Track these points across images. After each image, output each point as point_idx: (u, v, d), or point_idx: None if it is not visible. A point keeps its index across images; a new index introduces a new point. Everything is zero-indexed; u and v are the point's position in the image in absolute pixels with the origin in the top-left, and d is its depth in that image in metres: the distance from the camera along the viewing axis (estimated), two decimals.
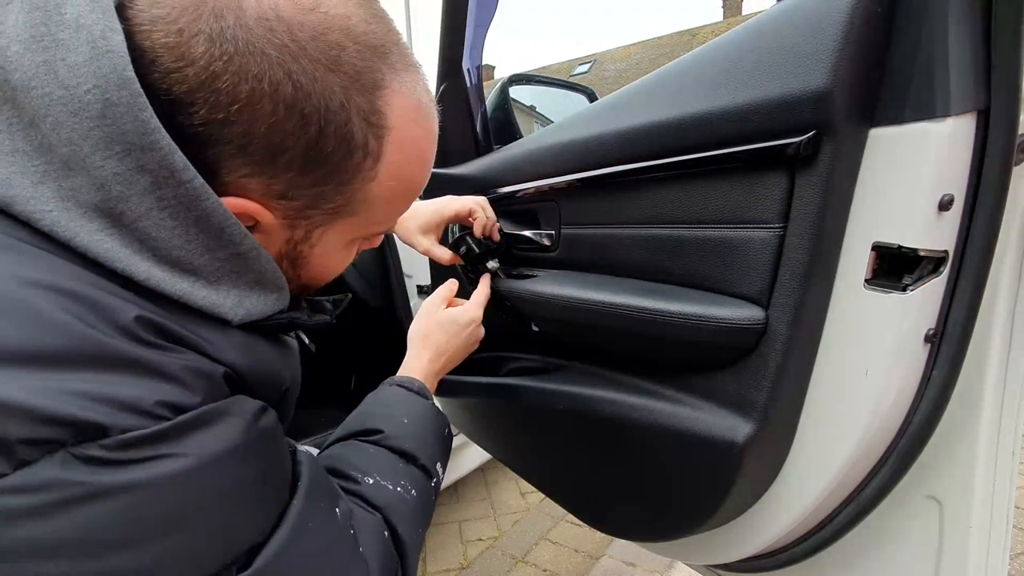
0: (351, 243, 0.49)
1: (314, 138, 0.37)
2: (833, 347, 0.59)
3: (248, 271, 0.41)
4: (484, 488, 2.08)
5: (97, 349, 0.32)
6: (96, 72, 0.32)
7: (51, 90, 0.32)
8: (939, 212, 0.50)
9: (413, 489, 0.57)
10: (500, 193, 0.93)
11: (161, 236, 0.36)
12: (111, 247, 0.35)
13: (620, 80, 17.38)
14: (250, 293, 0.42)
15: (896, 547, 0.65)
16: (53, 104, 0.32)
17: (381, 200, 0.44)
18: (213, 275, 0.39)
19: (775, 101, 0.54)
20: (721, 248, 0.63)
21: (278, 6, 0.35)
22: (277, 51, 0.35)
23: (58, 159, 0.34)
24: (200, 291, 0.38)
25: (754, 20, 0.60)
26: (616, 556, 1.64)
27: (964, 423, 0.58)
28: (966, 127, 0.49)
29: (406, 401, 0.67)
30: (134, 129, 0.33)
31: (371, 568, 0.47)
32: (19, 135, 0.34)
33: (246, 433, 0.37)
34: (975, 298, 0.53)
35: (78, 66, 0.32)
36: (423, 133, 0.44)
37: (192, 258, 0.38)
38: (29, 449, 0.29)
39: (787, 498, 0.66)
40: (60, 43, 0.32)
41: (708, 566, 0.85)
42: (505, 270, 0.92)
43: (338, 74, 0.37)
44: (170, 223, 0.36)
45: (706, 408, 0.65)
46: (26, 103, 0.33)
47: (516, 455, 1.07)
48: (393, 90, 0.40)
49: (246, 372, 0.40)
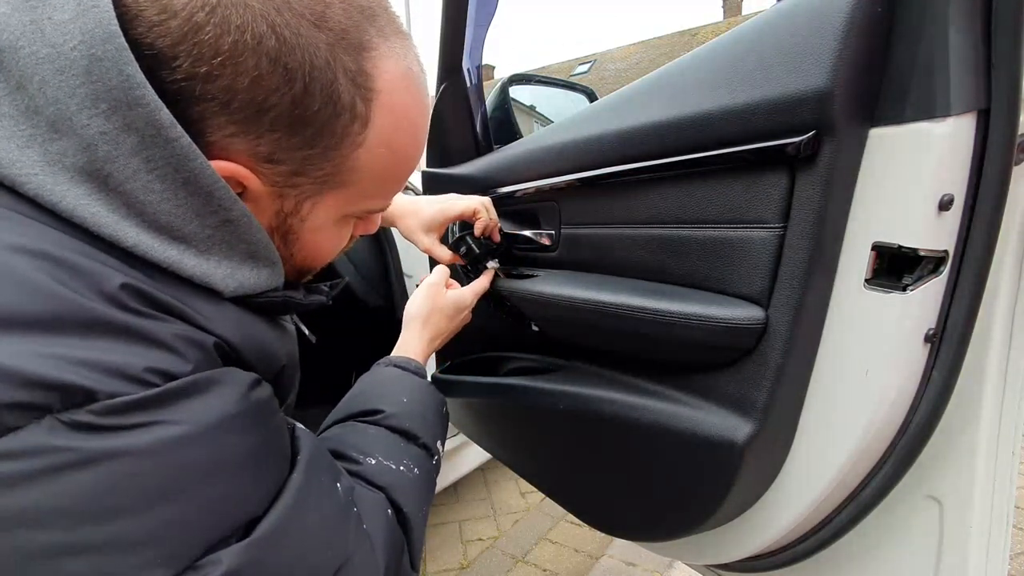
0: (343, 220, 0.48)
1: (299, 95, 0.36)
2: (833, 347, 0.59)
3: (240, 241, 0.40)
4: (484, 488, 2.08)
5: (84, 315, 0.31)
6: (82, 28, 0.32)
7: (37, 48, 0.32)
8: (939, 212, 0.50)
9: (416, 468, 0.57)
10: (500, 193, 0.93)
11: (149, 200, 0.35)
12: (97, 211, 0.34)
13: (620, 80, 17.38)
14: (242, 265, 0.41)
15: (896, 547, 0.65)
16: (40, 63, 0.32)
17: (372, 171, 0.43)
18: (203, 243, 0.38)
19: (775, 101, 0.54)
20: (721, 248, 0.63)
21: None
22: (260, 3, 0.34)
23: (44, 122, 0.33)
24: (190, 259, 0.37)
25: (754, 20, 0.60)
26: (616, 556, 1.64)
27: (964, 423, 0.58)
28: (966, 127, 0.49)
29: (403, 380, 0.66)
30: (119, 84, 0.32)
31: (375, 544, 0.46)
32: (5, 100, 0.33)
33: (239, 403, 0.36)
34: (975, 298, 0.53)
35: (64, 23, 0.32)
36: (413, 102, 0.43)
37: (182, 224, 0.37)
38: (15, 414, 0.29)
39: (787, 498, 0.66)
40: (46, 2, 0.33)
41: (708, 566, 0.85)
42: (505, 270, 0.92)
43: (323, 31, 0.36)
44: (158, 186, 0.35)
45: (706, 408, 0.65)
46: (13, 65, 0.33)
47: (516, 455, 1.07)
48: (381, 53, 0.39)
49: (239, 345, 0.39)
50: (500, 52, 69.47)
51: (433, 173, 1.06)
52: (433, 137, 1.07)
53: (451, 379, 1.09)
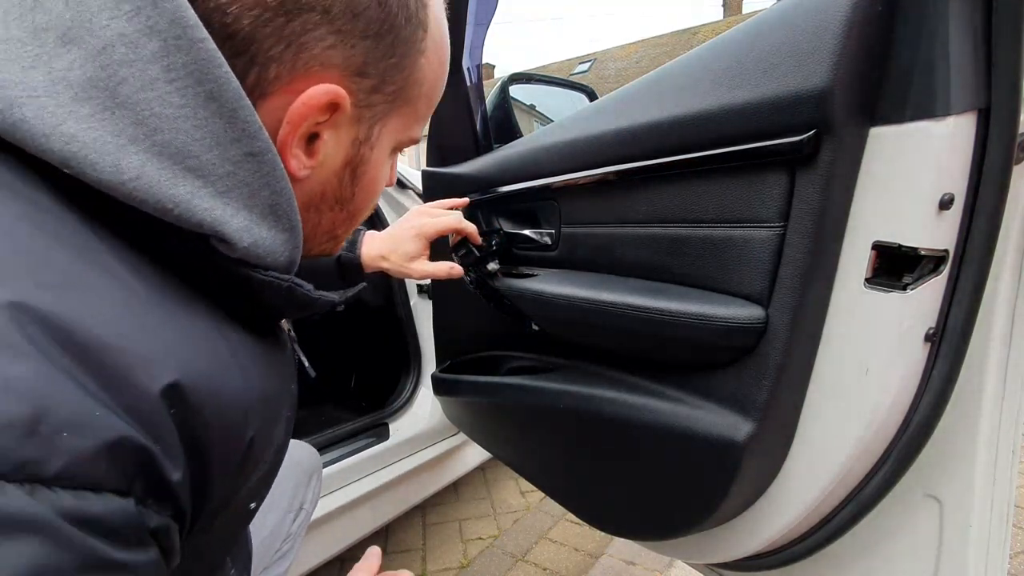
0: (393, 152, 0.47)
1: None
2: (833, 346, 0.59)
3: (263, 186, 0.34)
4: (484, 487, 2.08)
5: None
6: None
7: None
8: (939, 211, 0.50)
9: None
10: (500, 192, 0.93)
11: (165, 113, 0.31)
12: (99, 136, 0.29)
13: (620, 79, 17.36)
14: (262, 222, 0.35)
15: (896, 545, 0.65)
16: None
17: (427, 85, 0.43)
18: (222, 181, 0.32)
19: (775, 100, 0.54)
20: (721, 247, 0.63)
21: None
22: None
23: (52, 38, 0.30)
24: (203, 200, 0.32)
25: (754, 19, 0.60)
26: (616, 555, 1.64)
27: (964, 422, 0.58)
28: (966, 126, 0.49)
29: None
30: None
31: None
32: (14, 24, 0.31)
33: None
34: (975, 297, 0.53)
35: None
36: (443, 15, 0.43)
37: (199, 150, 0.31)
38: None
39: (787, 497, 0.66)
40: None
41: (708, 565, 0.85)
42: (505, 269, 0.92)
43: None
44: (177, 99, 0.31)
45: (706, 407, 0.65)
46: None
47: (516, 454, 1.07)
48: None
49: (191, 388, 0.29)
50: (500, 51, 69.28)
51: (433, 172, 1.06)
52: (433, 136, 1.07)
53: (451, 378, 1.09)
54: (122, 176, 0.30)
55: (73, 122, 0.29)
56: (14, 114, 0.29)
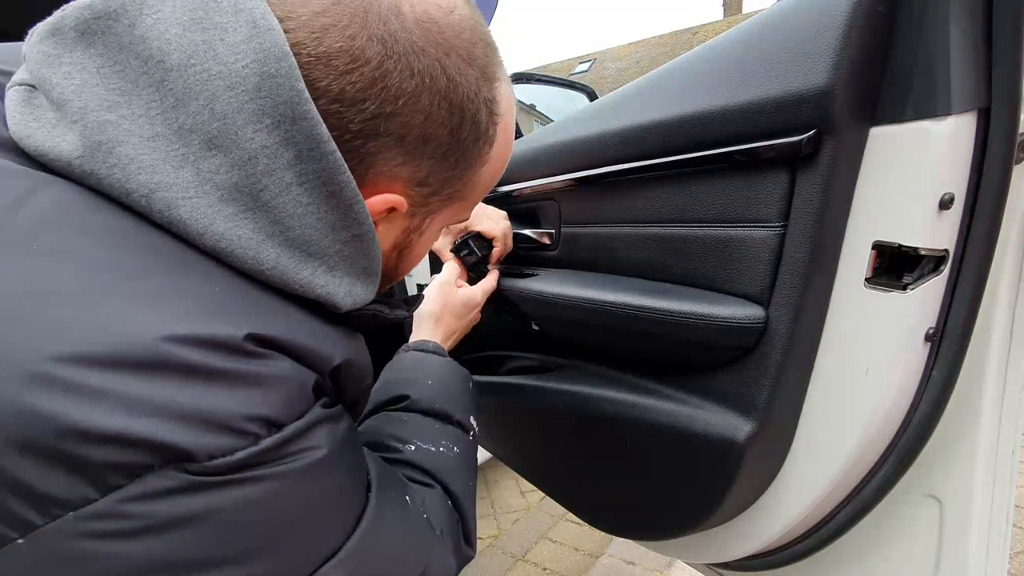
0: (441, 230, 0.53)
1: (457, 126, 0.41)
2: (833, 346, 0.59)
3: (361, 256, 0.42)
4: (484, 487, 2.08)
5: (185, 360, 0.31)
6: (256, 48, 0.34)
7: (209, 66, 0.34)
8: (939, 211, 0.50)
9: (455, 447, 0.59)
10: (500, 192, 0.93)
11: (296, 213, 0.37)
12: (243, 233, 0.35)
13: (620, 79, 17.36)
14: (357, 282, 0.42)
15: (896, 545, 0.65)
16: (211, 79, 0.34)
17: (483, 184, 0.49)
18: (332, 259, 0.40)
19: (776, 100, 0.54)
20: (721, 247, 0.63)
21: (428, 10, 0.39)
22: (434, 48, 0.38)
23: (198, 140, 0.34)
24: (320, 278, 0.39)
25: (755, 19, 0.60)
26: (616, 555, 1.64)
27: (964, 422, 0.58)
28: (967, 126, 0.49)
29: (425, 362, 0.68)
30: (288, 100, 0.34)
31: (447, 545, 0.50)
32: (159, 120, 0.34)
33: (331, 445, 0.38)
34: (975, 297, 0.53)
35: (237, 44, 0.34)
36: (513, 119, 0.49)
37: (318, 238, 0.38)
38: (116, 474, 0.29)
39: (787, 497, 0.66)
40: (218, 25, 0.34)
41: (708, 564, 0.85)
42: (505, 269, 0.92)
43: (473, 67, 0.41)
44: (305, 199, 0.37)
45: (706, 407, 0.65)
46: (177, 82, 0.34)
47: (516, 454, 1.07)
48: (502, 80, 0.45)
49: (343, 366, 0.41)
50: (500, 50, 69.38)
51: None
52: None
53: None
54: (261, 267, 0.36)
55: (221, 221, 0.35)
56: (172, 214, 0.34)
